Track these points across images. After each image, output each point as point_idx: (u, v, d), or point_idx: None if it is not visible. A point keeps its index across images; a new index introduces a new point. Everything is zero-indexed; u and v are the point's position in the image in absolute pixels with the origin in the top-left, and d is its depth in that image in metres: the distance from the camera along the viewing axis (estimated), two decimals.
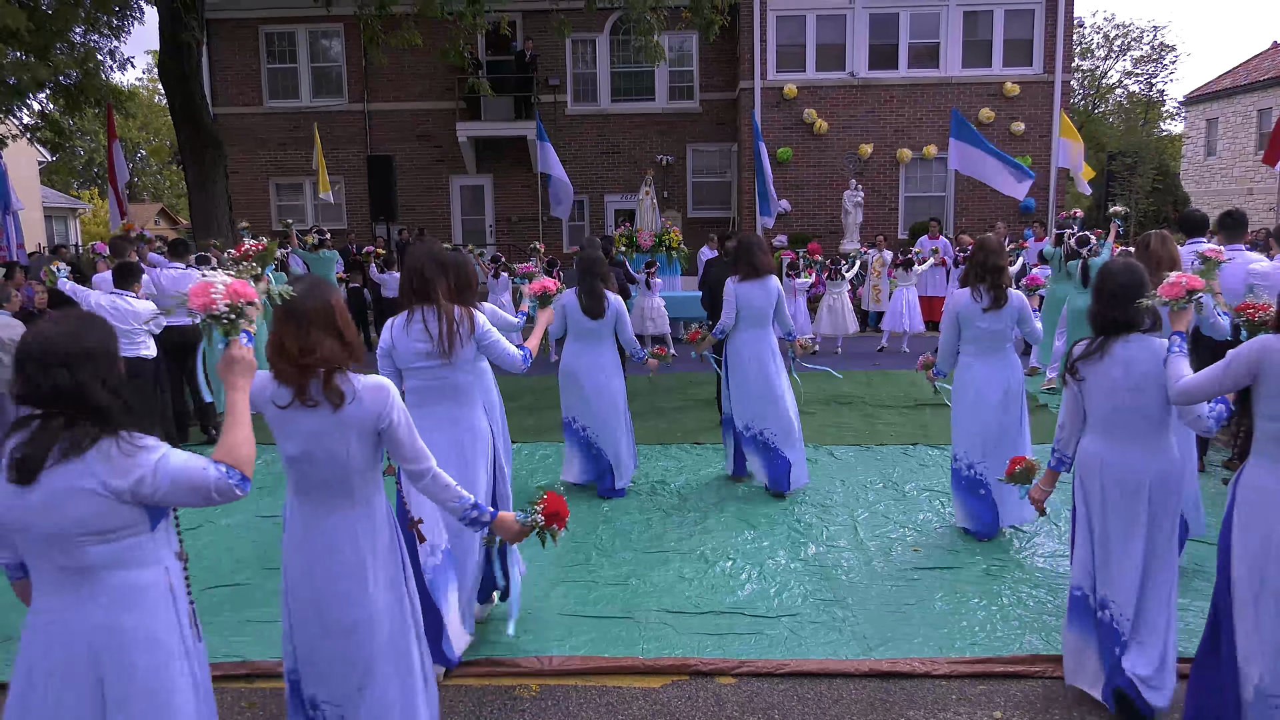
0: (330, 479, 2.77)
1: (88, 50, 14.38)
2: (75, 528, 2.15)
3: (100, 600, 2.20)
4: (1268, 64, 29.63)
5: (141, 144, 45.09)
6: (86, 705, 2.20)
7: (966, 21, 17.98)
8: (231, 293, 2.42)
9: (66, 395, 2.16)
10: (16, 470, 2.13)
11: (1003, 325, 5.39)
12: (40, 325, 2.25)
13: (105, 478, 2.14)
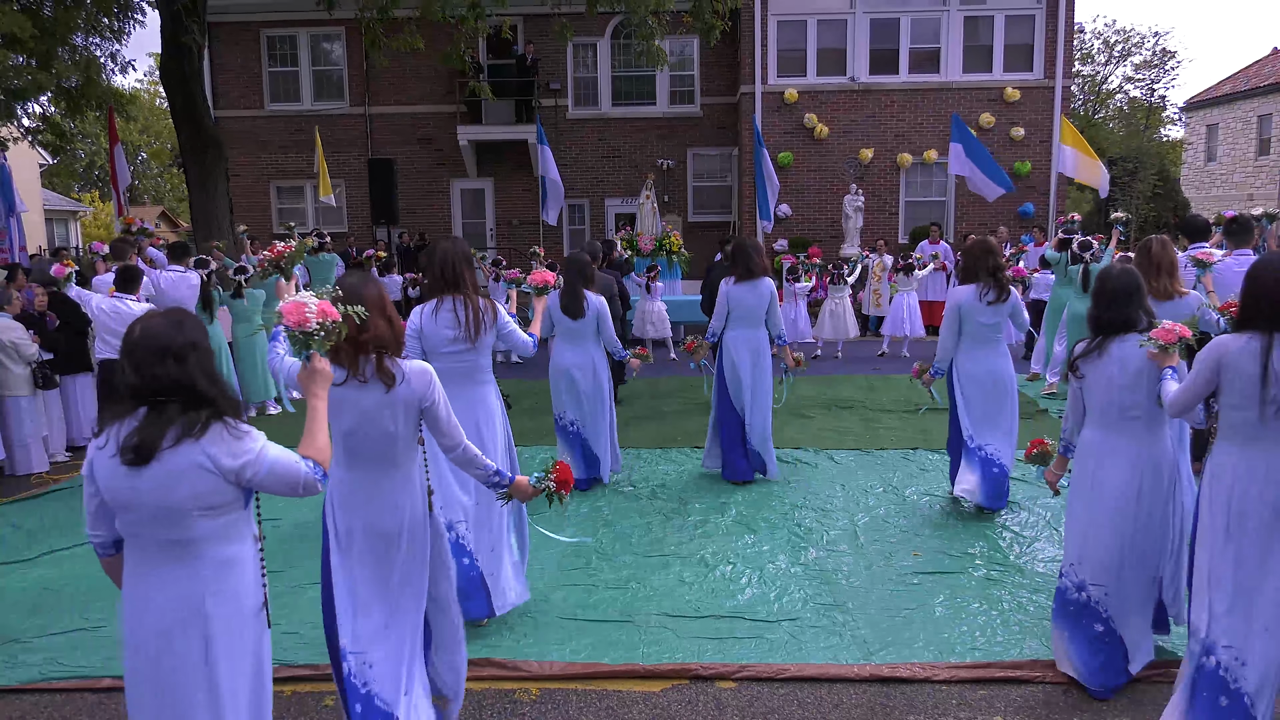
0: (379, 451, 3.12)
1: (89, 58, 14.39)
2: (189, 502, 2.39)
3: (204, 570, 2.46)
4: (1268, 70, 29.67)
5: (142, 147, 45.12)
6: (193, 664, 2.46)
7: (967, 26, 18.01)
8: (321, 312, 2.68)
9: (176, 384, 2.38)
10: (134, 453, 2.34)
11: (1000, 319, 5.86)
12: (146, 321, 2.46)
13: (217, 458, 2.38)
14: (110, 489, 2.41)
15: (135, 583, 2.50)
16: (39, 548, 5.83)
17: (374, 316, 2.97)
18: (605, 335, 6.74)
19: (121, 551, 2.58)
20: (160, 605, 2.45)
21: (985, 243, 5.99)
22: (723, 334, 6.83)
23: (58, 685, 4.05)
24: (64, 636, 4.50)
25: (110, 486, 2.40)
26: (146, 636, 2.47)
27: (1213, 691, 3.23)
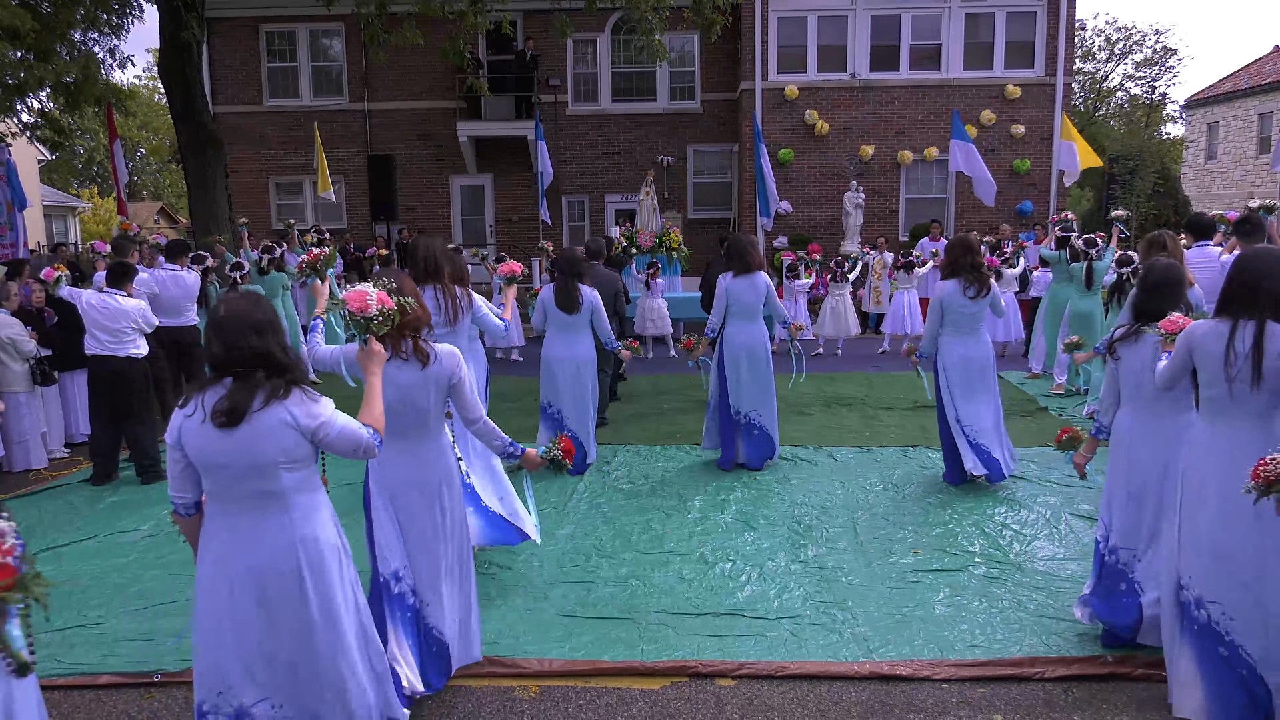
0: (415, 423, 3.59)
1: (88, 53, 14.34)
2: (278, 456, 2.75)
3: (294, 515, 2.83)
4: (1269, 68, 29.63)
5: (141, 143, 45.07)
6: (294, 599, 2.82)
7: (968, 23, 17.97)
8: (380, 300, 3.17)
9: (258, 355, 2.74)
10: (227, 416, 2.68)
11: (980, 309, 6.39)
12: (229, 301, 2.83)
13: (299, 418, 2.76)
14: (201, 451, 2.74)
15: (227, 533, 2.82)
16: (37, 544, 5.81)
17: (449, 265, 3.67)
18: (599, 327, 7.01)
19: (200, 512, 2.92)
20: (259, 547, 2.79)
21: (966, 240, 6.55)
22: (722, 329, 7.00)
23: (56, 682, 4.03)
24: (61, 634, 4.48)
25: (201, 449, 2.74)
26: (244, 578, 2.79)
27: (1209, 641, 3.43)
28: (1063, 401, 9.38)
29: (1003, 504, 6.18)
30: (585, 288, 6.97)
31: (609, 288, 8.53)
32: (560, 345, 7.06)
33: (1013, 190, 18.00)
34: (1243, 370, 3.30)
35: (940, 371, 6.53)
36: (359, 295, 3.17)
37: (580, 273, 7.01)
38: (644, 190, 16.54)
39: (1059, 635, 4.27)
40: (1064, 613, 4.49)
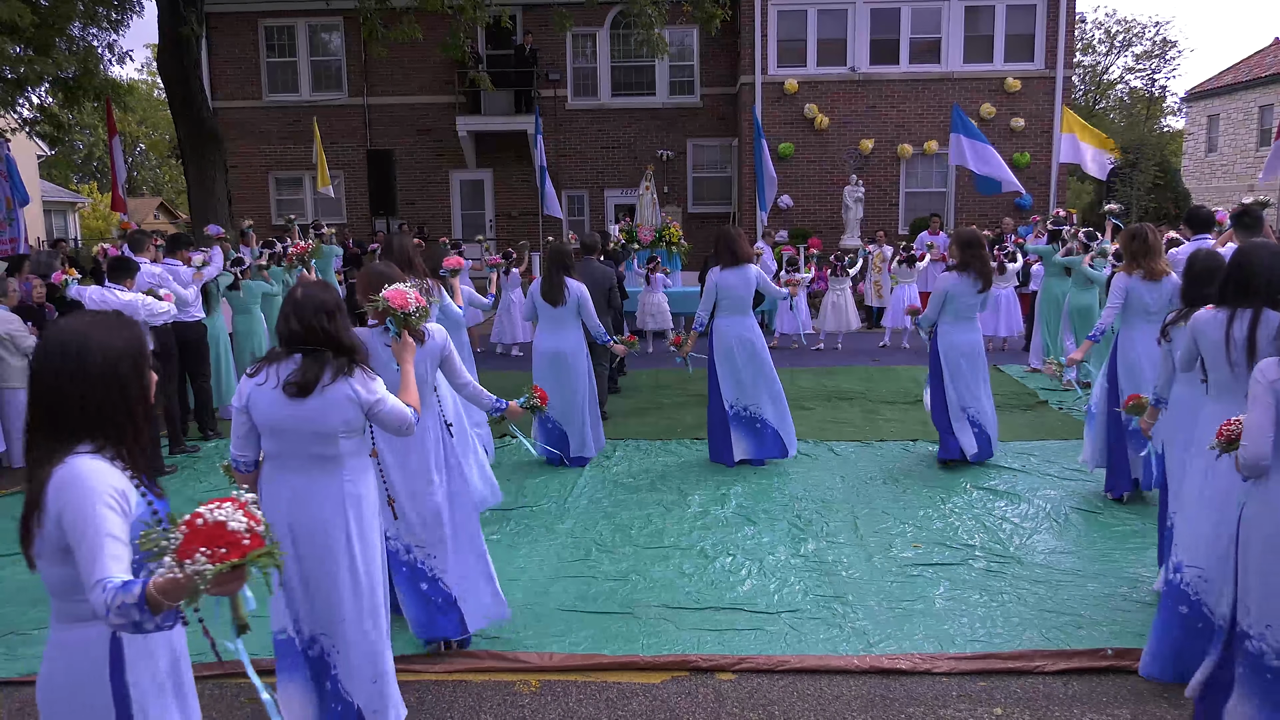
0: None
1: (87, 48, 14.32)
2: (339, 426, 3.10)
3: (347, 476, 3.18)
4: (1269, 60, 29.57)
5: (140, 138, 45.01)
6: (343, 546, 3.15)
7: (968, 16, 17.94)
8: (416, 298, 3.63)
9: (328, 336, 3.09)
10: (298, 388, 3.03)
11: (978, 300, 6.76)
12: (304, 286, 3.20)
13: (361, 394, 3.10)
14: (269, 416, 3.10)
15: (284, 488, 3.17)
16: None
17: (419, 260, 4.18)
18: (588, 321, 7.08)
19: (258, 469, 3.26)
20: (316, 501, 3.14)
21: (975, 235, 6.88)
22: (713, 323, 7.02)
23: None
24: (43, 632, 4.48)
25: (269, 414, 3.09)
26: (301, 525, 3.14)
27: (1174, 601, 3.74)
28: (1063, 395, 9.37)
29: (1003, 498, 6.18)
30: (572, 281, 7.01)
31: (603, 282, 8.54)
32: (546, 338, 7.13)
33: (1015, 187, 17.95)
34: (1240, 355, 3.55)
35: (941, 355, 6.81)
36: (399, 294, 3.60)
37: (567, 265, 7.07)
38: (644, 185, 16.51)
39: (1059, 629, 4.27)
40: (1064, 606, 4.50)
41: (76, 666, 2.03)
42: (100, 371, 2.03)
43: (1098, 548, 5.24)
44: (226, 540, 1.66)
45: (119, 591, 1.77)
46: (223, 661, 2.57)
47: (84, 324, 2.09)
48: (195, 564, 1.63)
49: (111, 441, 2.03)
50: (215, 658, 2.23)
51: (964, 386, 6.78)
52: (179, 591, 1.68)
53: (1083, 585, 4.74)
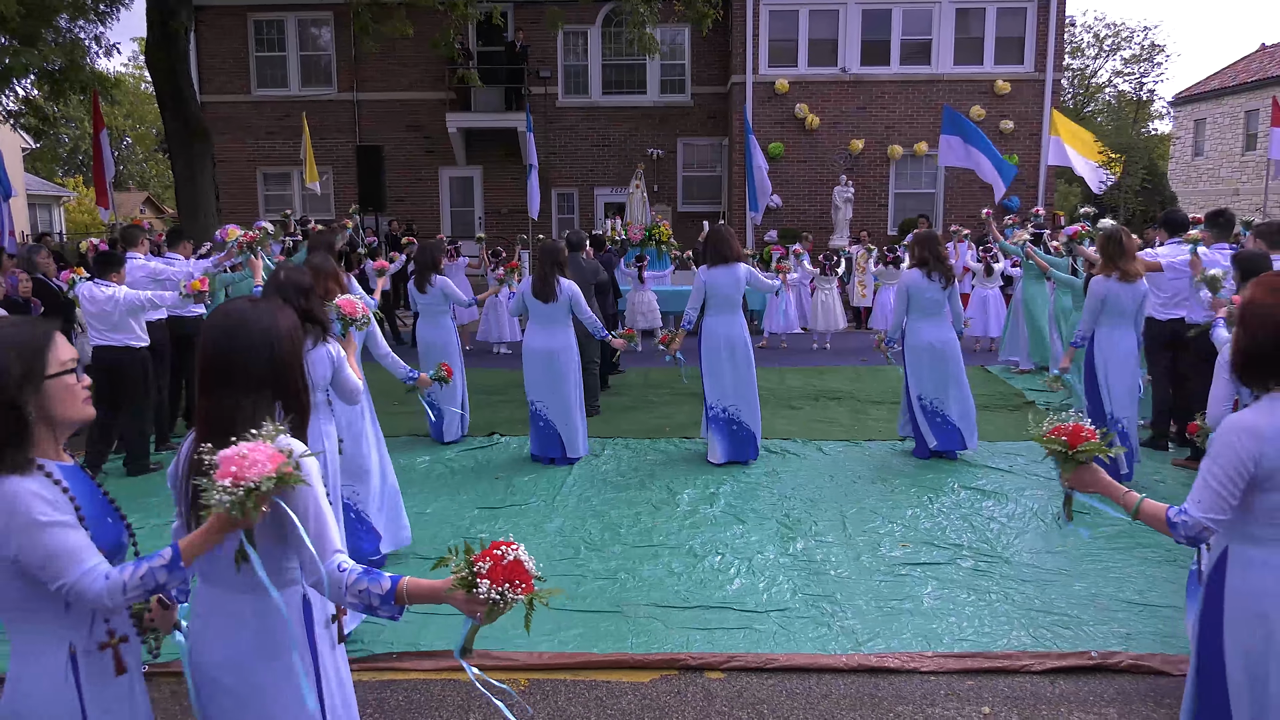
0: None
1: (74, 40, 14.20)
2: (321, 380, 3.91)
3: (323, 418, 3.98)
4: (1255, 66, 29.80)
5: (127, 132, 44.69)
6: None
7: (959, 18, 18.00)
8: (363, 309, 4.40)
9: (306, 310, 3.70)
10: None
11: (943, 297, 6.92)
12: (285, 269, 3.95)
13: (335, 356, 3.95)
14: None
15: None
16: None
17: (331, 283, 4.64)
18: (582, 317, 7.06)
19: None
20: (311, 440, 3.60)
21: (930, 235, 7.16)
22: (702, 321, 7.02)
23: None
24: None
25: None
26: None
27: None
28: (1050, 396, 9.41)
29: (990, 497, 6.21)
30: (564, 279, 7.00)
31: (591, 277, 8.57)
32: (537, 336, 7.10)
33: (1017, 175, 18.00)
34: None
35: (908, 353, 7.04)
36: (350, 302, 4.35)
37: (559, 263, 7.04)
38: (634, 183, 16.51)
39: (1046, 628, 4.29)
40: (1051, 606, 4.52)
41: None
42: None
43: (1084, 548, 5.26)
44: (524, 578, 1.98)
45: (364, 577, 2.02)
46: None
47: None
48: (510, 592, 1.95)
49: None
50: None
51: (927, 382, 6.96)
52: (471, 607, 1.99)
53: (1069, 584, 4.77)
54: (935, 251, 6.90)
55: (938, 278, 6.86)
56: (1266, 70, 28.49)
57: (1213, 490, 2.35)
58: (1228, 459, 2.34)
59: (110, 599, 1.92)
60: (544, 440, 7.15)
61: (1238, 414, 2.42)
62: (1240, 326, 2.44)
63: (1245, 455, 2.32)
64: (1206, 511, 2.36)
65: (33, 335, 2.00)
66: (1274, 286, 2.41)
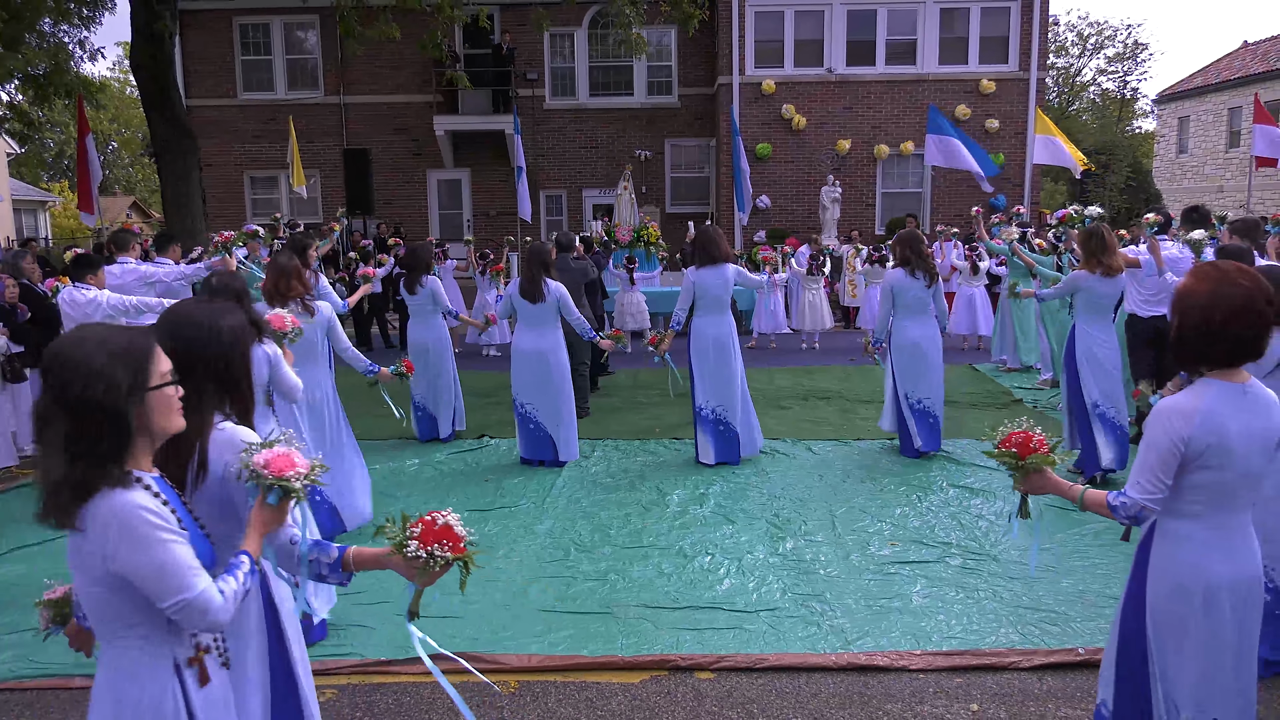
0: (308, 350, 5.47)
1: (58, 44, 14.14)
2: (258, 379, 3.91)
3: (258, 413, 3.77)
4: (1238, 63, 30.01)
5: (113, 136, 44.45)
6: None
7: (943, 18, 18.07)
8: (293, 321, 4.72)
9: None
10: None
11: (928, 295, 7.04)
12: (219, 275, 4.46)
13: (271, 355, 4.11)
14: None
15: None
16: (7, 544, 5.74)
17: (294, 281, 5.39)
18: (570, 318, 7.08)
19: None
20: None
21: (913, 234, 7.16)
22: (691, 322, 7.04)
23: (29, 684, 3.99)
24: (35, 633, 4.42)
25: None
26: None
27: None
28: (1038, 394, 9.47)
29: (979, 495, 6.24)
30: (551, 281, 7.00)
31: (579, 278, 8.57)
32: (526, 337, 7.11)
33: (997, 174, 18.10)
34: None
35: (895, 352, 7.14)
36: (278, 318, 4.61)
37: (546, 264, 7.05)
38: (622, 184, 16.50)
39: (1034, 625, 4.32)
40: (1039, 603, 4.55)
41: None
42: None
43: (1071, 545, 5.30)
44: (453, 539, 2.10)
45: (314, 548, 2.24)
46: None
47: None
48: (440, 550, 2.06)
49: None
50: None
51: (915, 380, 7.06)
52: (409, 569, 2.10)
53: (1057, 582, 4.80)
54: (918, 250, 6.98)
55: (921, 276, 6.95)
56: (1249, 68, 28.70)
57: (1149, 470, 2.50)
58: (1162, 442, 2.48)
59: (226, 614, 1.93)
60: (534, 442, 7.14)
61: (1171, 398, 2.56)
62: (1174, 313, 2.57)
63: (1176, 437, 2.46)
64: (1145, 493, 2.50)
65: (138, 344, 1.95)
66: (1204, 274, 2.53)
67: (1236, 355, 2.49)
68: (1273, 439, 2.52)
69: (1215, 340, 2.46)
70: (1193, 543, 2.54)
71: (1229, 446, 2.45)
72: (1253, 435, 2.47)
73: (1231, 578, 2.53)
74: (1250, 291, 2.43)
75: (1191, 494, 2.52)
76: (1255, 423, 2.48)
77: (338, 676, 3.98)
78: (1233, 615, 2.55)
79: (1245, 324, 2.43)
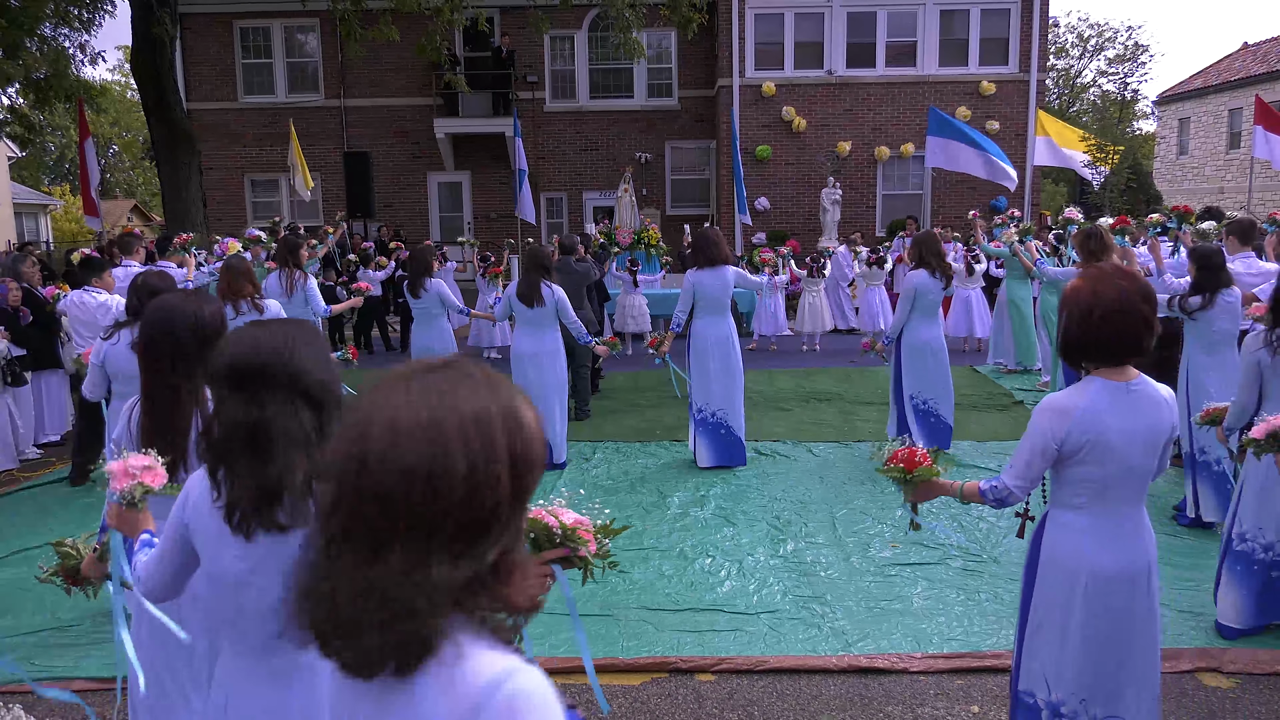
0: None
1: (58, 49, 14.15)
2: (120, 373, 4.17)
3: None
4: (1238, 65, 30.02)
5: (113, 140, 44.50)
6: None
7: (943, 20, 18.08)
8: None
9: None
10: None
11: (940, 297, 7.14)
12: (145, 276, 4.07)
13: None
14: (121, 367, 4.11)
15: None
16: (8, 546, 5.74)
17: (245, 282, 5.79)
18: (567, 323, 7.07)
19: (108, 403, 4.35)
20: None
21: (932, 235, 7.26)
22: (691, 324, 7.03)
23: (28, 687, 3.98)
24: (35, 636, 4.43)
25: (122, 365, 4.09)
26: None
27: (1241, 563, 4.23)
28: (1039, 396, 9.46)
29: None
30: (550, 285, 6.99)
31: (580, 281, 8.56)
32: (524, 340, 7.12)
33: (987, 186, 18.13)
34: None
35: (906, 352, 7.12)
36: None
37: (545, 268, 7.05)
38: (622, 187, 16.51)
39: None
40: None
41: None
42: None
43: None
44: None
45: None
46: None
47: None
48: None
49: None
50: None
51: (925, 380, 7.10)
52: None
53: None
54: (935, 250, 7.03)
55: (940, 277, 7.00)
56: (1249, 69, 28.71)
57: (1022, 460, 2.68)
58: (1036, 436, 2.64)
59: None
60: None
61: (1053, 394, 2.70)
62: (1060, 313, 2.69)
63: (1050, 434, 2.60)
64: (1015, 479, 2.70)
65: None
66: (1088, 275, 2.64)
67: (1116, 353, 2.58)
68: (1158, 437, 2.61)
69: (1094, 338, 2.56)
70: (1075, 532, 2.67)
71: (1108, 442, 2.55)
72: (1135, 432, 2.56)
73: (1115, 569, 2.63)
74: (1127, 290, 2.53)
75: (1075, 487, 2.66)
76: (1138, 420, 2.57)
77: None
78: (1118, 606, 2.64)
79: (1123, 322, 2.53)
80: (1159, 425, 2.60)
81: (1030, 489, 2.70)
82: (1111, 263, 2.71)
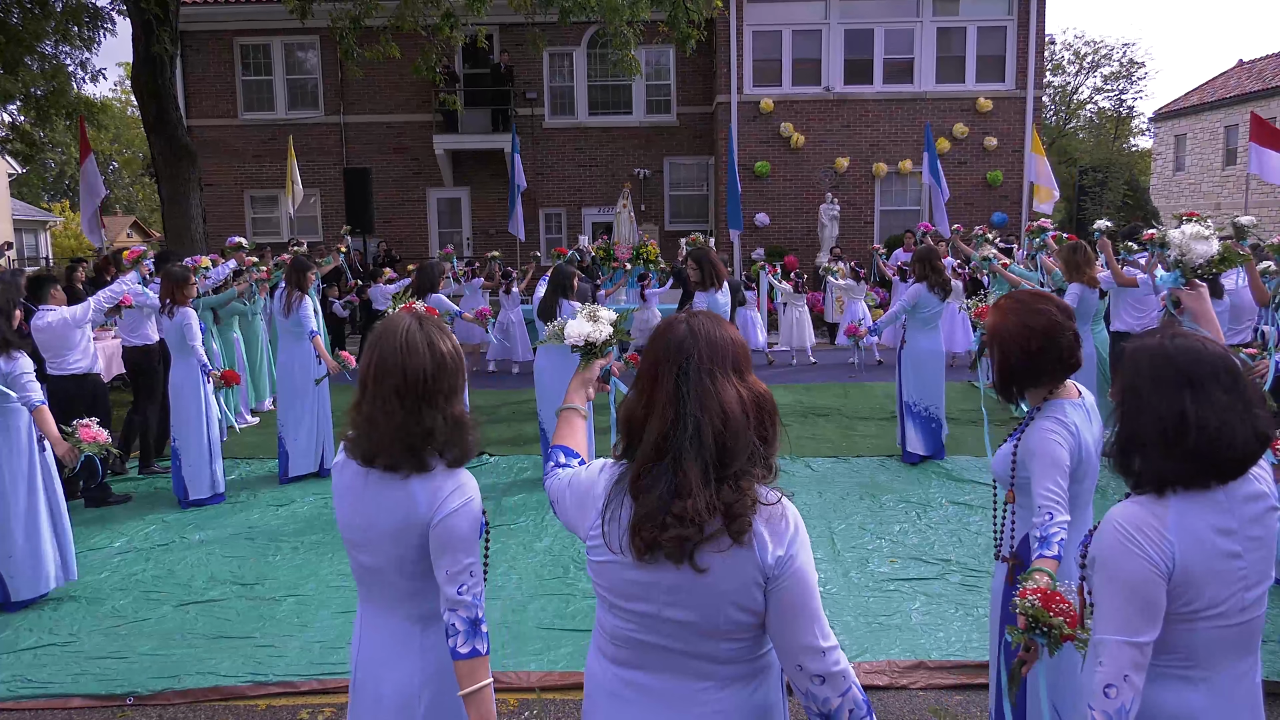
0: None
1: (59, 66, 14.22)
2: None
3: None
4: (1234, 82, 30.19)
5: (114, 156, 44.64)
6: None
7: (940, 38, 18.19)
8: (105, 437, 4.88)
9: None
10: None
11: (940, 309, 7.50)
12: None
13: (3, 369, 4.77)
14: None
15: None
16: None
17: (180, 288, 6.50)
18: None
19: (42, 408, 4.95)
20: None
21: (932, 250, 7.55)
22: None
23: (26, 705, 3.98)
24: (32, 652, 4.42)
25: None
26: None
27: None
28: None
29: (978, 512, 6.23)
30: (567, 302, 7.08)
31: (582, 298, 8.60)
32: (546, 356, 7.23)
33: (986, 202, 18.23)
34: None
35: (903, 359, 7.54)
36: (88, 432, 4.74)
37: (565, 286, 7.18)
38: (621, 203, 16.57)
39: None
40: None
41: None
42: None
43: None
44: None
45: None
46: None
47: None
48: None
49: None
50: None
51: (923, 387, 7.44)
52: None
53: None
54: (935, 265, 7.38)
55: (939, 291, 7.36)
56: (1244, 86, 28.87)
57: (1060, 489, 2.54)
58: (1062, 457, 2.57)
59: None
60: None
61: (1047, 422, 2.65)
62: (992, 350, 2.70)
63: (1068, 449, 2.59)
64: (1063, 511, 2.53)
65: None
66: (1005, 309, 2.67)
67: (1061, 371, 2.63)
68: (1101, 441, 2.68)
69: (1041, 362, 2.60)
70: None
71: (1090, 454, 2.62)
72: (1097, 441, 2.64)
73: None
74: (1051, 312, 2.61)
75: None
76: (1095, 428, 2.66)
77: (338, 696, 3.96)
78: None
79: (1060, 342, 2.58)
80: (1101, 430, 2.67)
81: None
82: (1022, 290, 2.71)
